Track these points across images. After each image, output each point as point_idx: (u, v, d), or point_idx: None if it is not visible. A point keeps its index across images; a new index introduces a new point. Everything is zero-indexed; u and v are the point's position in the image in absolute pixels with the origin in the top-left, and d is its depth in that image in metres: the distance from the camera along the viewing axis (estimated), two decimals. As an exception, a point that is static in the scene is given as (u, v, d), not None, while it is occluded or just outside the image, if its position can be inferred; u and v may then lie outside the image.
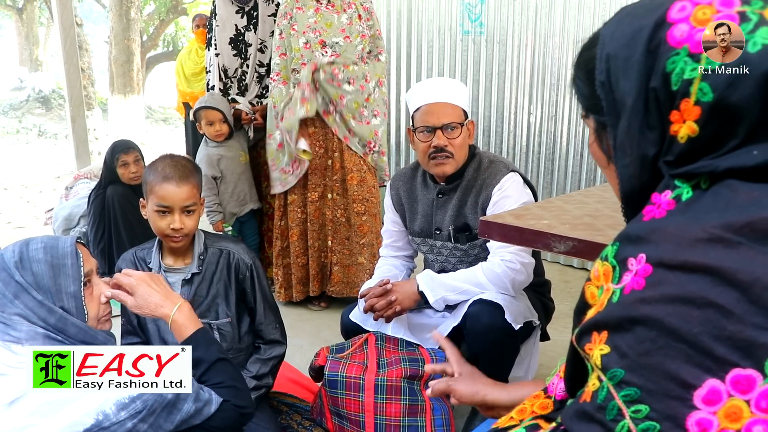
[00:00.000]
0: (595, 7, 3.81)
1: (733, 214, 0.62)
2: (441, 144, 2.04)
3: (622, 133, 0.74)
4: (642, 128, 0.72)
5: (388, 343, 2.07)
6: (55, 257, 1.37)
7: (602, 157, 0.83)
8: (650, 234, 0.66)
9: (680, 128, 0.70)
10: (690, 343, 0.58)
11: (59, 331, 1.33)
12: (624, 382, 0.61)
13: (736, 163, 0.66)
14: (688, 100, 0.68)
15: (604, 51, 0.76)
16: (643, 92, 0.71)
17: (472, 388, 1.23)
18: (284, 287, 3.41)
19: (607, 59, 0.75)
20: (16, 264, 1.33)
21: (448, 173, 2.10)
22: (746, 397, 0.55)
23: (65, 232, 3.81)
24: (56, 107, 13.82)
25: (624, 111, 0.74)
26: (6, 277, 1.32)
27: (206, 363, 1.46)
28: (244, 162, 3.40)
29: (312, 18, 3.10)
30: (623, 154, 0.75)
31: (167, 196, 1.76)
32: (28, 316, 1.30)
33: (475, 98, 4.46)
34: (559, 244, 1.39)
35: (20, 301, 1.31)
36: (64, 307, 1.35)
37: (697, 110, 0.68)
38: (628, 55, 0.72)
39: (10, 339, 1.28)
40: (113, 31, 10.61)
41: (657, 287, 0.61)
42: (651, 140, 0.72)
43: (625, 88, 0.73)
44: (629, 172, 0.75)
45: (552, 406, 0.89)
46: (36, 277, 1.33)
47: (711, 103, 0.67)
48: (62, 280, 1.36)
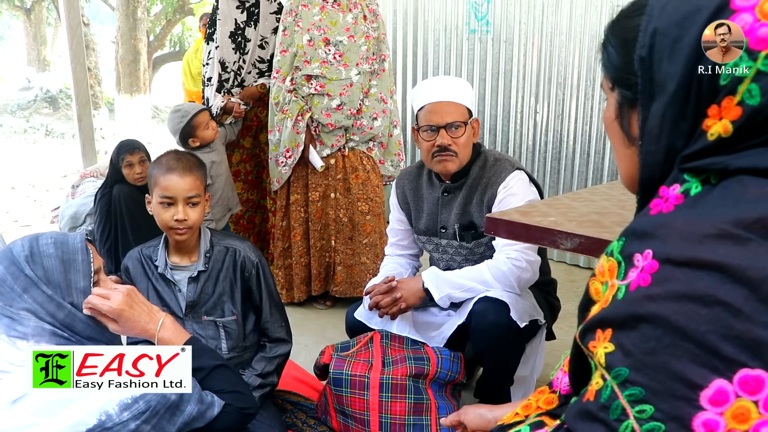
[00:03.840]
0: (603, 6, 3.79)
1: (743, 210, 0.60)
2: (444, 143, 2.03)
3: (656, 118, 0.70)
4: (677, 117, 0.68)
5: (393, 341, 2.07)
6: (66, 252, 1.37)
7: (622, 137, 0.78)
8: (657, 229, 0.64)
9: (714, 124, 0.66)
10: (697, 342, 0.56)
11: (67, 327, 1.33)
12: (629, 381, 0.59)
13: (749, 163, 0.64)
14: (732, 98, 0.65)
15: (651, 24, 0.70)
16: (687, 80, 0.67)
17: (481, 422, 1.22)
18: (286, 288, 3.40)
19: (653, 34, 0.70)
20: (26, 258, 1.32)
21: (451, 171, 2.10)
22: (754, 398, 0.54)
23: (72, 231, 3.81)
24: (63, 107, 13.87)
25: (662, 95, 0.69)
26: (16, 271, 1.31)
27: (203, 372, 1.45)
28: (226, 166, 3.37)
29: (317, 16, 3.10)
30: (652, 140, 0.71)
31: (170, 187, 1.77)
32: (36, 311, 1.30)
33: (482, 97, 4.45)
34: (566, 241, 1.38)
35: (29, 295, 1.30)
36: (73, 303, 1.35)
37: (738, 111, 0.64)
38: (678, 35, 0.67)
39: (16, 335, 1.28)
40: (120, 31, 10.65)
41: (664, 284, 0.60)
42: (682, 130, 0.69)
43: (669, 72, 0.68)
44: (653, 159, 0.71)
45: (557, 401, 0.88)
46: (46, 272, 1.33)
47: (755, 107, 0.63)
48: (72, 276, 1.36)
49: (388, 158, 3.30)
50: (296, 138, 3.12)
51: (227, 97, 3.39)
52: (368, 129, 3.17)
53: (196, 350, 1.47)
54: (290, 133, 3.11)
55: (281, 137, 3.16)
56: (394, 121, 3.29)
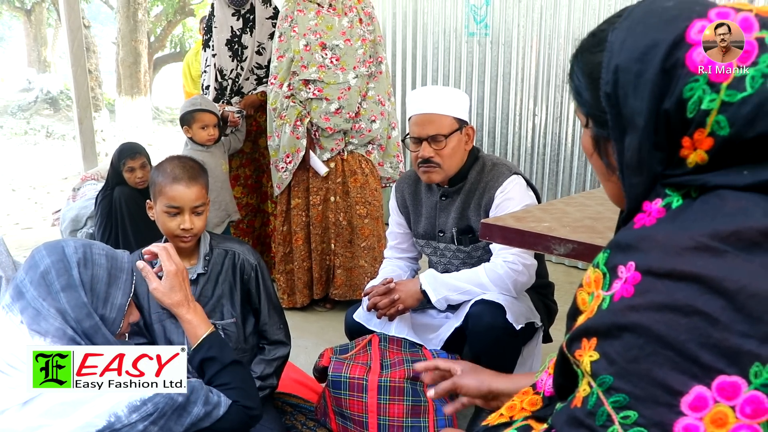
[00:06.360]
0: (600, 9, 3.81)
1: (720, 223, 0.63)
2: (426, 155, 2.05)
3: (632, 152, 0.71)
4: (651, 149, 0.70)
5: (392, 344, 2.09)
6: (114, 267, 1.40)
7: (603, 167, 0.80)
8: (639, 242, 0.67)
9: (690, 154, 0.68)
10: (677, 351, 0.59)
11: (88, 337, 1.33)
12: (613, 388, 0.62)
13: (727, 181, 0.66)
14: (702, 131, 0.66)
15: (613, 61, 0.72)
16: (654, 113, 0.68)
17: (476, 380, 1.24)
18: (287, 293, 3.41)
19: (616, 71, 0.71)
20: (78, 260, 1.34)
21: (435, 181, 2.12)
22: (731, 403, 0.57)
23: (72, 233, 3.82)
24: (64, 108, 13.88)
25: (633, 130, 0.70)
26: (62, 269, 1.32)
27: (220, 363, 1.49)
28: (225, 171, 3.37)
29: (313, 20, 3.11)
30: (633, 173, 0.73)
31: (177, 197, 1.77)
32: (65, 313, 1.30)
33: (480, 100, 4.47)
34: (559, 247, 1.40)
35: (66, 295, 1.30)
36: (104, 316, 1.36)
37: (710, 141, 0.66)
38: (640, 70, 0.69)
39: (37, 329, 1.28)
40: (120, 33, 10.64)
41: (645, 295, 0.62)
42: (659, 159, 0.70)
43: (635, 107, 0.69)
44: (638, 191, 0.73)
45: (541, 402, 0.90)
46: (93, 280, 1.35)
47: (726, 137, 0.65)
48: (113, 290, 1.39)
49: (387, 160, 3.32)
50: (296, 143, 3.14)
51: (222, 106, 3.39)
52: (367, 132, 3.19)
53: (220, 342, 1.55)
54: (290, 139, 3.13)
55: (280, 143, 3.18)
56: (392, 122, 3.30)
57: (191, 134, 3.22)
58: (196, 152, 3.17)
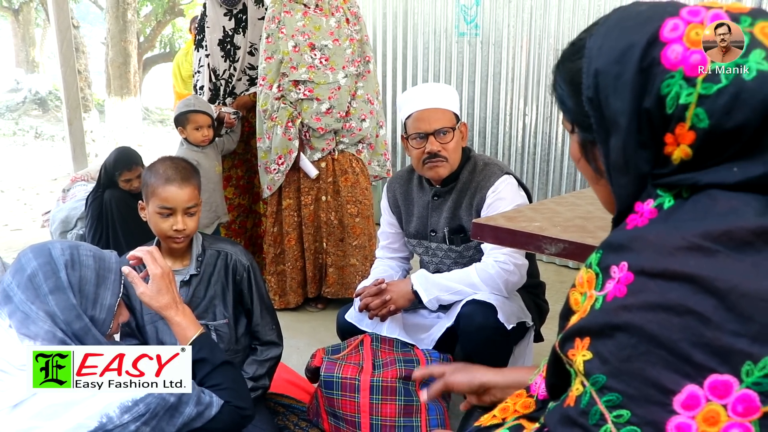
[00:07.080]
0: (590, 9, 3.83)
1: (712, 223, 0.63)
2: (434, 149, 2.06)
3: (617, 153, 0.73)
4: (636, 148, 0.71)
5: (384, 344, 2.09)
6: (102, 268, 1.39)
7: (591, 172, 0.82)
8: (632, 242, 0.67)
9: (674, 150, 0.69)
10: (669, 350, 0.59)
11: (77, 338, 1.33)
12: (606, 387, 0.62)
13: (717, 179, 0.67)
14: (683, 125, 0.68)
15: (592, 66, 0.73)
16: (635, 113, 0.70)
17: (467, 376, 1.24)
18: (279, 294, 3.41)
19: (596, 75, 0.73)
20: (66, 262, 1.33)
21: (443, 175, 2.12)
22: (723, 401, 0.57)
23: (62, 235, 3.80)
24: (53, 109, 13.79)
25: (616, 130, 0.72)
26: (49, 271, 1.31)
27: (211, 365, 1.48)
28: (218, 173, 3.36)
29: (300, 21, 3.11)
30: (620, 174, 0.74)
31: (170, 198, 1.77)
32: (54, 316, 1.29)
33: (471, 100, 4.48)
34: (550, 246, 1.41)
35: (54, 297, 1.30)
36: (94, 317, 1.36)
37: (691, 135, 0.68)
38: (618, 72, 0.70)
39: (26, 333, 1.27)
40: (110, 33, 10.59)
41: (638, 295, 0.63)
42: (645, 158, 0.71)
43: (617, 108, 0.71)
44: (626, 191, 0.74)
45: (534, 405, 0.90)
46: (81, 281, 1.34)
47: (706, 129, 0.66)
48: (102, 291, 1.38)
49: (375, 158, 3.33)
50: (288, 144, 3.14)
51: (218, 107, 3.38)
52: (357, 131, 3.19)
53: (210, 343, 1.53)
54: (281, 140, 3.12)
55: (271, 144, 3.17)
56: (380, 121, 3.31)
57: (186, 135, 3.21)
58: (191, 153, 3.17)
